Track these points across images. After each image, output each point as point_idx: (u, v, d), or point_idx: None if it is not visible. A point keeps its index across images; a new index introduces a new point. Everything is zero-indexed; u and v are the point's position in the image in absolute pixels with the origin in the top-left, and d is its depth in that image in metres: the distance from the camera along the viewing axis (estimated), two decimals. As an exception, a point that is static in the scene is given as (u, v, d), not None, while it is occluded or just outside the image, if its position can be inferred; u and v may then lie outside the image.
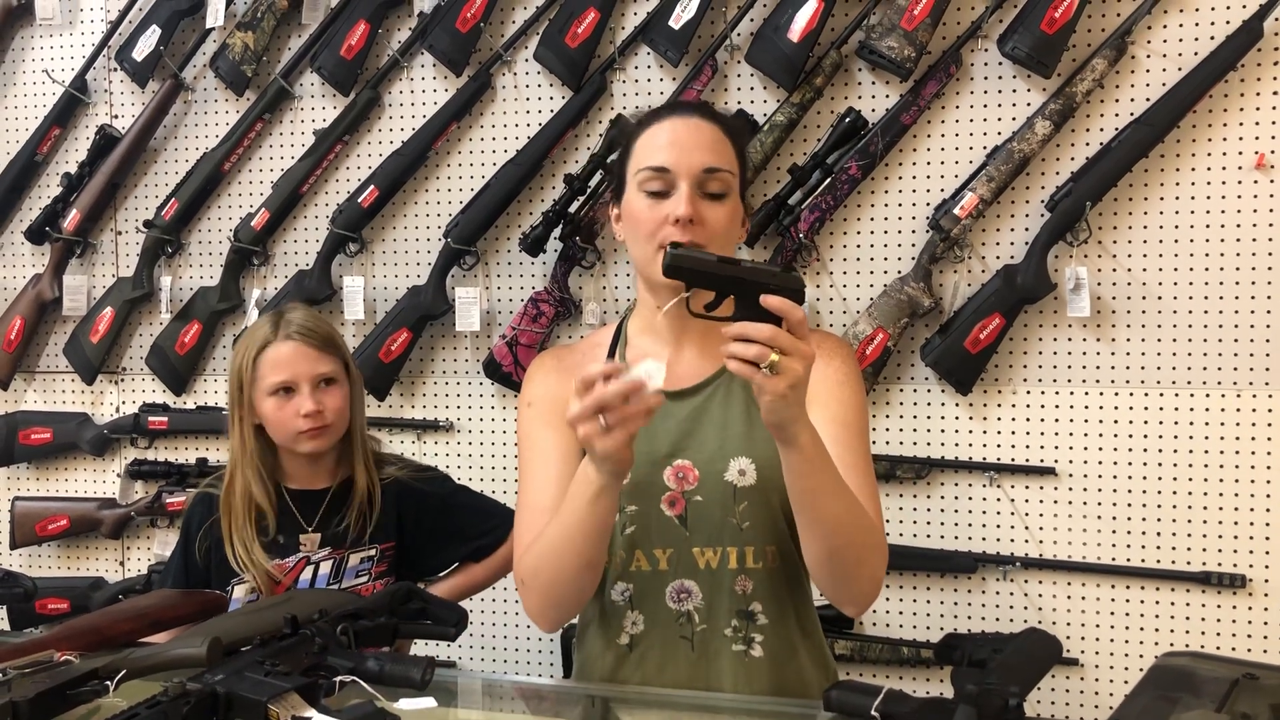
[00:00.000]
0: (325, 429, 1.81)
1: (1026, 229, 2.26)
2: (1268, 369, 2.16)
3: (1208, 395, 2.19)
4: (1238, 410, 2.18)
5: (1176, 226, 2.20)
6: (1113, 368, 2.24)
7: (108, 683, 1.17)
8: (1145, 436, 2.23)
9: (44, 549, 2.83)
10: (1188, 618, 2.22)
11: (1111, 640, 2.26)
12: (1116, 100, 2.21)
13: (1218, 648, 2.19)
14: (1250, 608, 2.19)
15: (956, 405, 2.32)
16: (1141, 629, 2.25)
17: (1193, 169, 2.19)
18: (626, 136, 1.48)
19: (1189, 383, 2.20)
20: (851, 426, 1.44)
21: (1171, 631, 2.23)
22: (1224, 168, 2.17)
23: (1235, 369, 2.18)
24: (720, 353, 1.19)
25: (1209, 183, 2.18)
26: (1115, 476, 2.24)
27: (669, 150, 1.40)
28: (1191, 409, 2.20)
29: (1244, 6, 2.12)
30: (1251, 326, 2.17)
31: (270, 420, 1.81)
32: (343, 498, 1.86)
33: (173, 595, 1.68)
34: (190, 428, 2.70)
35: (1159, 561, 2.23)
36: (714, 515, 1.43)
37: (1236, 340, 2.18)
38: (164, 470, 2.71)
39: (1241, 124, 2.16)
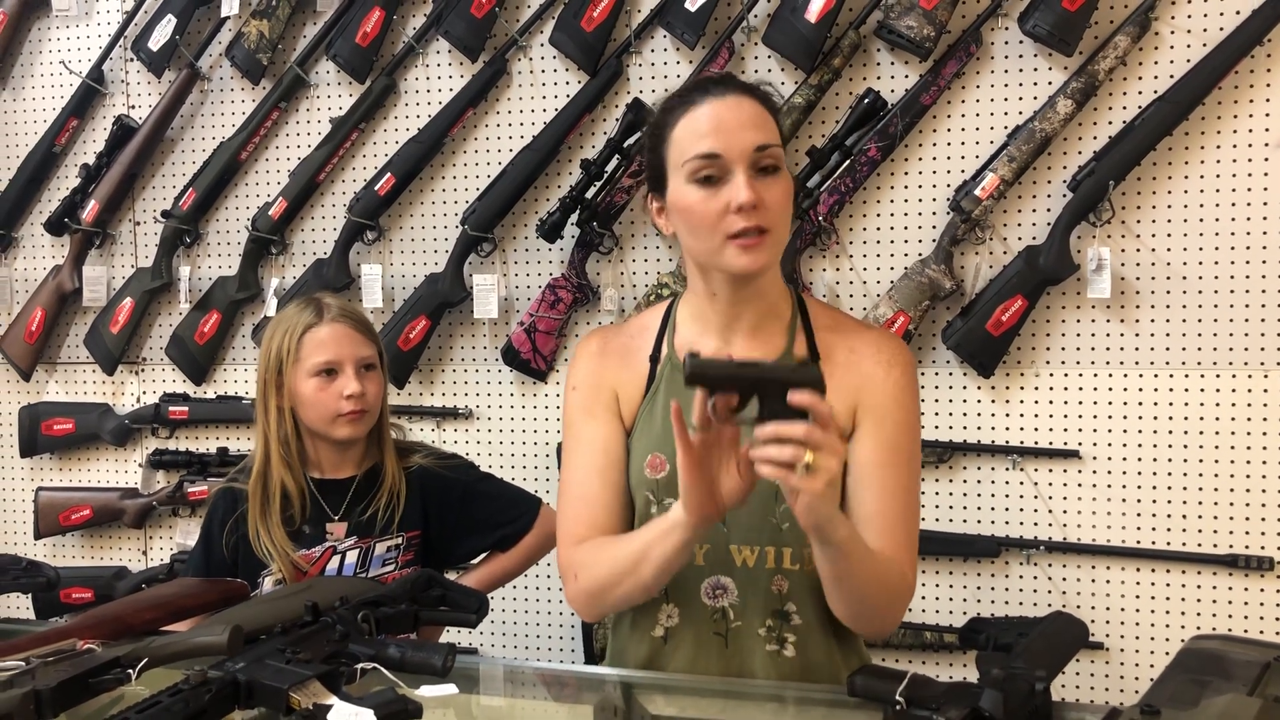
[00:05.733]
0: (364, 413, 1.80)
1: (1048, 209, 2.24)
2: (1295, 349, 2.14)
3: (1233, 376, 2.17)
4: (1265, 391, 2.15)
5: (1201, 205, 2.17)
6: (1136, 349, 2.22)
7: (130, 671, 1.17)
8: (1170, 418, 2.21)
9: (68, 539, 2.85)
10: (1214, 600, 2.20)
11: (1137, 624, 2.25)
12: (1139, 78, 2.19)
13: (1245, 630, 2.17)
14: (1278, 590, 2.17)
15: (979, 388, 2.30)
16: (1168, 612, 2.23)
17: (1217, 147, 2.16)
18: (658, 124, 1.42)
19: (1214, 364, 2.18)
20: (902, 451, 1.39)
21: (1198, 615, 2.21)
22: (1249, 145, 2.14)
23: (1262, 349, 2.15)
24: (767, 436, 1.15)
25: (1234, 161, 2.15)
26: (1140, 459, 2.22)
27: (716, 135, 1.34)
28: (1217, 390, 2.18)
29: (1270, -19, 2.09)
30: (1278, 306, 2.14)
31: (309, 401, 1.80)
32: (368, 486, 1.85)
33: (194, 584, 1.68)
34: (211, 417, 2.71)
35: (1185, 544, 2.21)
36: (753, 514, 1.40)
37: (1263, 320, 2.15)
38: (185, 460, 2.72)
39: (1268, 100, 2.13)
